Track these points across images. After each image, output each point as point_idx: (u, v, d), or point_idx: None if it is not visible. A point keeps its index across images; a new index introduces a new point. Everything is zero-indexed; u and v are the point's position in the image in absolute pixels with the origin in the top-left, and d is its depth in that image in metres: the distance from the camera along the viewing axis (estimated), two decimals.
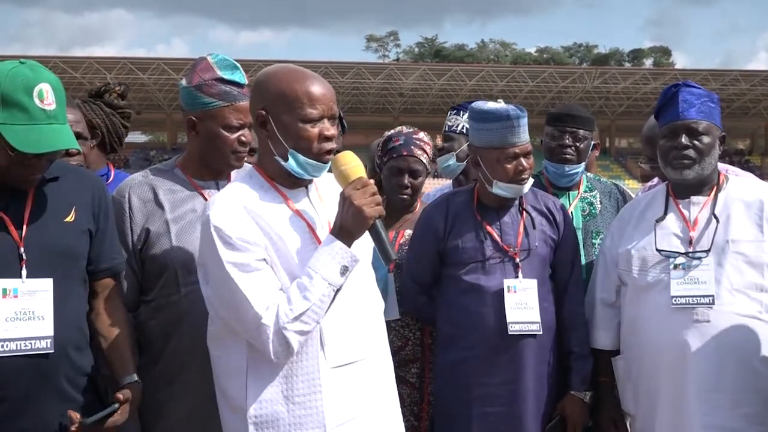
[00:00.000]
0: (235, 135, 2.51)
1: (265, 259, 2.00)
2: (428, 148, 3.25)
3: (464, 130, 3.66)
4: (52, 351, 2.10)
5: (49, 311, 2.12)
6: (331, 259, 1.96)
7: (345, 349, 2.08)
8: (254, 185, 2.09)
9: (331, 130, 2.06)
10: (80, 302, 2.26)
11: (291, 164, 2.05)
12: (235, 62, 2.57)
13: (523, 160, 2.78)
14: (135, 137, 59.28)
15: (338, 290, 1.99)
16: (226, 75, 2.51)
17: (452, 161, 3.69)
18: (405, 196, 3.19)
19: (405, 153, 3.18)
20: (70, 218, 2.22)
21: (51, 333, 2.11)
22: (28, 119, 2.02)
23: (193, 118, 2.54)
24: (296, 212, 2.08)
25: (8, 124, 2.01)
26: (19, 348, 2.06)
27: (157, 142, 62.41)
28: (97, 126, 3.13)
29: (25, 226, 2.12)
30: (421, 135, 3.29)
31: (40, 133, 2.03)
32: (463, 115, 3.71)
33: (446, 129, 3.76)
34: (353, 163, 2.04)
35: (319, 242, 2.04)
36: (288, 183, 2.11)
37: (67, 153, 2.67)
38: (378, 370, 2.17)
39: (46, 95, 2.05)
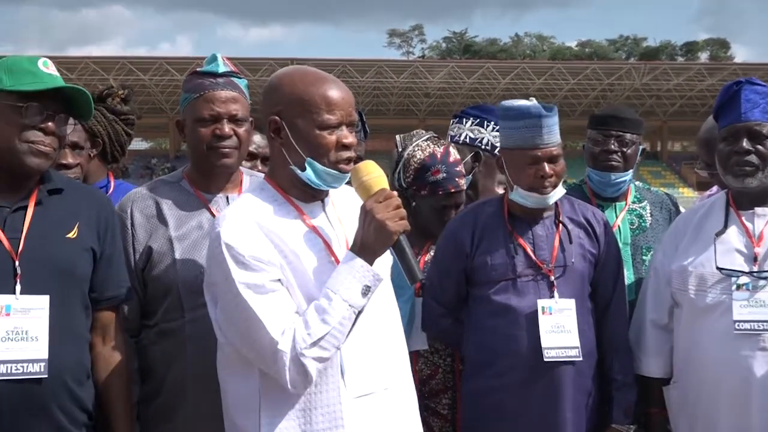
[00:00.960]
0: (209, 128, 2.52)
1: (280, 280, 2.00)
2: (462, 168, 3.25)
3: (468, 140, 3.67)
4: (46, 376, 2.11)
5: (44, 332, 2.13)
6: (351, 279, 1.96)
7: (367, 377, 2.08)
8: (266, 198, 2.10)
9: (350, 137, 2.07)
10: (82, 329, 2.29)
11: (308, 174, 2.06)
12: (221, 56, 2.61)
13: (546, 165, 2.76)
14: (135, 144, 59.37)
15: (360, 312, 1.98)
16: (203, 67, 2.58)
17: None
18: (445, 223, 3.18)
19: (453, 190, 3.16)
20: (72, 234, 2.26)
21: (45, 356, 2.12)
22: (35, 79, 2.18)
23: (180, 120, 2.62)
24: (312, 228, 2.09)
25: (16, 86, 2.16)
26: (9, 371, 2.07)
27: (159, 150, 63.12)
28: (98, 134, 3.16)
29: (22, 239, 2.16)
30: (453, 153, 3.23)
31: (47, 83, 2.19)
32: (466, 122, 3.71)
33: (449, 139, 3.73)
34: (375, 174, 2.04)
35: (337, 261, 2.05)
36: (303, 196, 2.12)
37: (64, 166, 2.70)
38: (402, 400, 2.18)
39: (50, 65, 2.25)
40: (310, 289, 2.02)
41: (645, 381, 2.90)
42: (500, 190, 3.18)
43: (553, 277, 2.80)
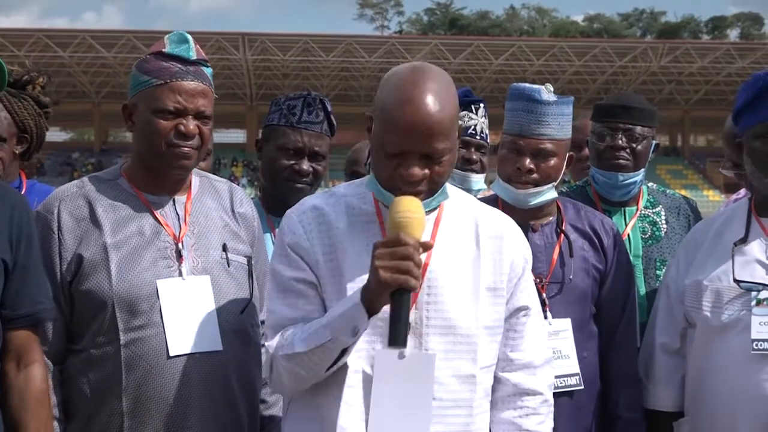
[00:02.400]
0: (171, 122, 2.55)
1: (313, 284, 2.22)
2: None
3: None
4: None
5: None
6: (345, 314, 2.09)
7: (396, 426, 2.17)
8: (354, 194, 2.31)
9: (415, 173, 2.13)
10: None
11: (373, 185, 2.25)
12: (191, 38, 2.64)
13: (527, 159, 2.83)
14: (52, 135, 59.12)
15: (345, 351, 2.12)
16: (170, 48, 2.59)
17: None
18: None
19: None
20: None
21: None
22: None
23: (128, 105, 2.63)
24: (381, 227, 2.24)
25: None
26: None
27: (81, 142, 62.67)
28: (28, 129, 3.11)
29: None
30: None
31: None
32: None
33: None
34: (406, 216, 2.06)
35: None
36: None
37: None
38: None
39: None
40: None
41: (653, 415, 2.96)
42: (491, 191, 3.23)
43: (545, 295, 2.84)
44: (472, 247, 2.27)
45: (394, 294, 2.01)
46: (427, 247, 2.07)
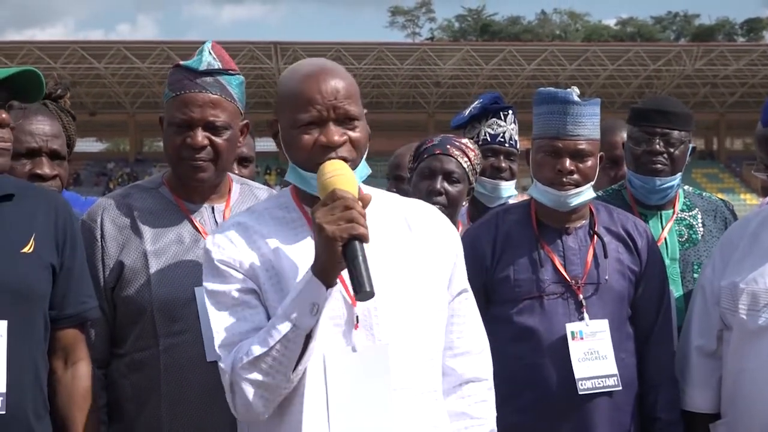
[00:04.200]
0: (181, 136, 2.59)
1: (254, 291, 2.13)
2: (471, 155, 3.35)
3: (488, 137, 3.79)
4: (4, 412, 2.18)
5: (2, 363, 2.19)
6: (299, 295, 2.01)
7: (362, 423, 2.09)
8: (276, 204, 2.26)
9: (334, 135, 2.11)
10: (41, 355, 2.35)
11: (294, 180, 2.21)
12: (210, 47, 2.66)
13: (567, 160, 2.85)
14: (88, 145, 59.97)
15: (309, 335, 2.02)
16: (187, 61, 2.63)
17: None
18: (436, 206, 3.26)
19: (438, 152, 3.33)
20: (28, 249, 2.31)
21: (3, 390, 2.19)
22: None
23: (162, 117, 2.69)
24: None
25: None
26: None
27: (116, 152, 63.36)
28: (72, 144, 3.12)
29: None
30: (465, 140, 3.45)
31: None
32: (484, 120, 3.82)
33: None
34: (334, 174, 2.05)
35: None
36: (314, 202, 2.12)
37: (39, 177, 2.72)
38: None
39: None
40: None
41: (690, 417, 2.97)
42: (525, 196, 3.25)
43: (581, 296, 2.87)
44: (406, 235, 2.25)
45: (345, 248, 1.96)
46: (365, 201, 2.03)
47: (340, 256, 1.97)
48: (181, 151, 2.58)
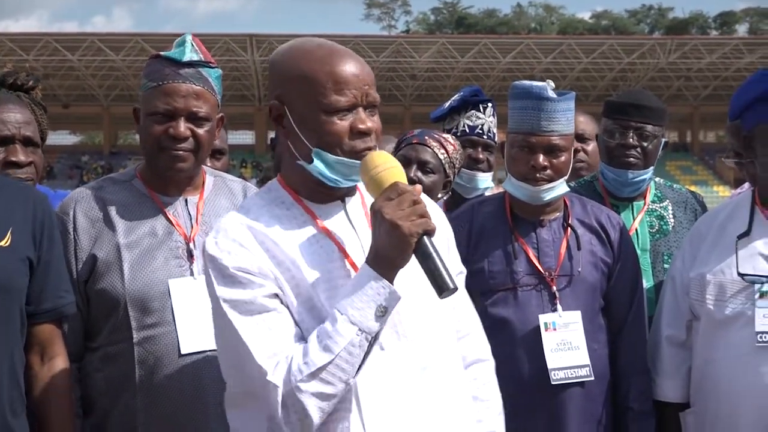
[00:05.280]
0: (162, 125, 2.59)
1: (277, 295, 1.97)
2: (450, 148, 3.37)
3: (467, 129, 3.82)
4: None
5: None
6: (362, 296, 1.90)
7: (396, 424, 1.99)
8: (272, 200, 2.10)
9: (368, 122, 2.02)
10: (17, 350, 2.34)
11: (317, 166, 2.02)
12: (191, 39, 2.67)
13: (541, 156, 2.87)
14: (61, 137, 59.56)
15: (375, 339, 1.92)
16: (167, 51, 2.63)
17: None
18: None
19: (415, 141, 3.36)
20: (4, 242, 2.31)
21: None
22: None
23: (136, 108, 2.69)
24: (325, 231, 2.06)
25: None
26: None
27: (90, 144, 62.86)
28: (44, 135, 3.12)
29: None
30: (447, 135, 3.49)
31: None
32: (463, 112, 3.85)
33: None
34: (387, 165, 1.97)
35: (356, 269, 2.01)
36: (318, 196, 2.09)
37: (14, 164, 2.70)
38: None
39: None
40: (317, 307, 1.99)
41: (660, 407, 3.00)
42: (501, 188, 3.27)
43: (555, 288, 2.90)
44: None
45: (418, 244, 1.90)
46: (418, 192, 1.94)
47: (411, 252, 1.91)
48: (162, 140, 2.58)
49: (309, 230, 2.05)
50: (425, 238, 1.91)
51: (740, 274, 2.77)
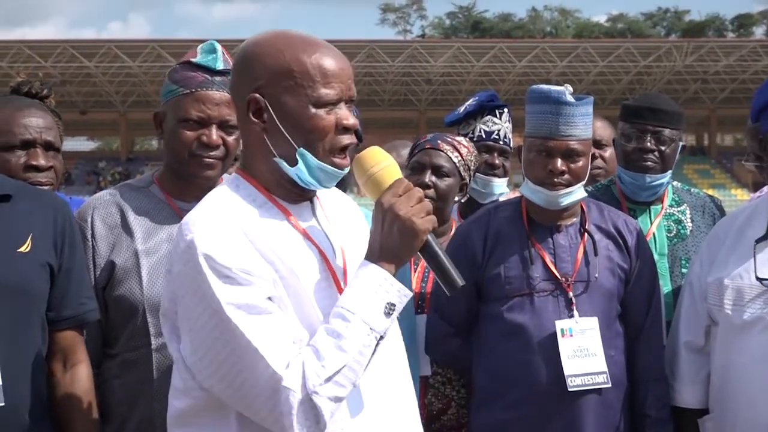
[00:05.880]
0: (195, 132, 2.61)
1: (271, 298, 1.88)
2: (464, 151, 3.37)
3: (483, 135, 3.81)
4: (3, 404, 2.19)
5: None
6: (372, 294, 1.86)
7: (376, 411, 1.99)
8: (244, 197, 1.99)
9: (351, 118, 1.98)
10: (39, 356, 2.35)
11: (299, 170, 1.95)
12: (221, 47, 2.69)
13: (559, 160, 2.85)
14: (79, 144, 59.83)
15: (381, 338, 1.88)
16: (198, 58, 2.65)
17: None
18: (427, 198, 3.27)
19: (428, 146, 3.34)
20: (24, 248, 2.33)
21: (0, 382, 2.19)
22: None
23: (158, 113, 2.70)
24: (305, 235, 2.00)
25: None
26: None
27: (108, 151, 63.12)
28: (61, 138, 3.15)
29: None
30: (459, 138, 3.46)
31: None
32: (479, 117, 3.84)
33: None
34: (385, 163, 1.95)
35: (333, 275, 1.98)
36: (288, 195, 2.02)
37: (34, 168, 2.72)
38: None
39: None
40: (305, 310, 1.93)
41: (679, 413, 2.99)
42: (516, 193, 3.27)
43: (571, 294, 2.88)
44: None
45: (425, 241, 1.90)
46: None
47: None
48: (194, 147, 2.60)
49: (288, 229, 1.99)
50: (430, 235, 1.92)
51: (758, 279, 2.76)
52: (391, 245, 1.90)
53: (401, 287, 1.90)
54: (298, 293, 1.92)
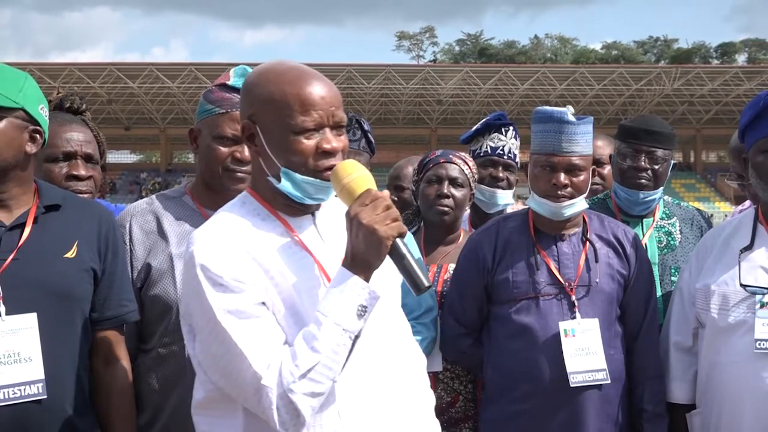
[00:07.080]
0: (229, 149, 2.62)
1: (264, 303, 1.91)
2: (471, 164, 3.38)
3: (489, 150, 3.78)
4: (45, 396, 2.18)
5: (37, 351, 2.20)
6: (343, 298, 1.86)
7: (371, 417, 1.97)
8: (248, 212, 2.03)
9: (334, 142, 1.97)
10: (81, 354, 2.35)
11: (285, 185, 1.98)
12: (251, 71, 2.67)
13: (562, 174, 2.86)
14: (122, 156, 60.28)
15: (357, 337, 1.89)
16: (233, 81, 2.66)
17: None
18: (445, 208, 3.29)
19: (443, 161, 3.36)
20: (70, 254, 2.33)
21: (41, 376, 2.19)
22: None
23: (194, 129, 2.71)
24: (301, 244, 2.01)
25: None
26: (6, 396, 2.14)
27: (148, 163, 63.41)
28: (102, 150, 3.13)
29: (8, 259, 2.22)
30: (464, 154, 3.49)
31: None
32: (487, 135, 3.82)
33: (470, 155, 3.86)
34: (357, 174, 1.93)
35: (329, 280, 1.96)
36: (289, 209, 2.04)
37: (75, 177, 2.75)
38: None
39: None
40: (300, 313, 1.94)
41: (669, 407, 2.97)
42: (521, 205, 3.26)
43: (574, 297, 2.88)
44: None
45: (392, 246, 1.87)
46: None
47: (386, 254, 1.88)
48: (228, 162, 2.62)
49: (287, 241, 2.00)
50: (398, 240, 1.89)
51: (742, 285, 2.75)
52: (358, 251, 1.89)
53: (372, 290, 1.89)
54: (291, 298, 1.94)
